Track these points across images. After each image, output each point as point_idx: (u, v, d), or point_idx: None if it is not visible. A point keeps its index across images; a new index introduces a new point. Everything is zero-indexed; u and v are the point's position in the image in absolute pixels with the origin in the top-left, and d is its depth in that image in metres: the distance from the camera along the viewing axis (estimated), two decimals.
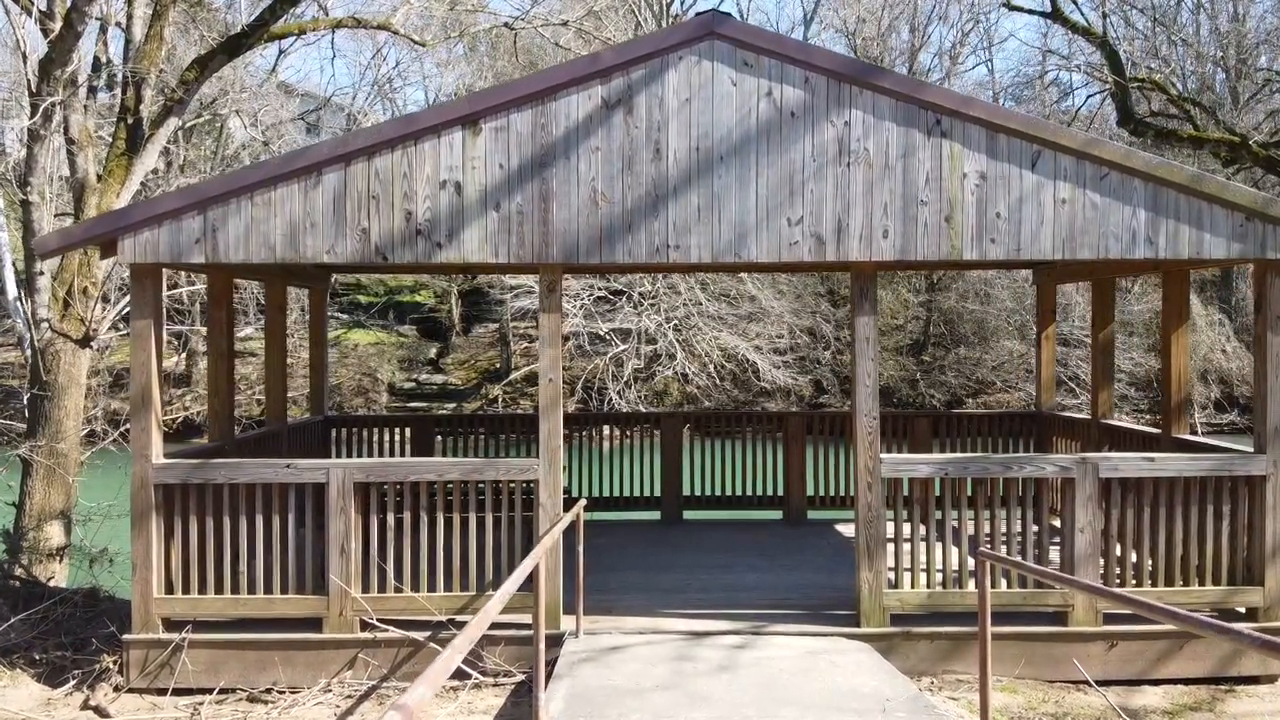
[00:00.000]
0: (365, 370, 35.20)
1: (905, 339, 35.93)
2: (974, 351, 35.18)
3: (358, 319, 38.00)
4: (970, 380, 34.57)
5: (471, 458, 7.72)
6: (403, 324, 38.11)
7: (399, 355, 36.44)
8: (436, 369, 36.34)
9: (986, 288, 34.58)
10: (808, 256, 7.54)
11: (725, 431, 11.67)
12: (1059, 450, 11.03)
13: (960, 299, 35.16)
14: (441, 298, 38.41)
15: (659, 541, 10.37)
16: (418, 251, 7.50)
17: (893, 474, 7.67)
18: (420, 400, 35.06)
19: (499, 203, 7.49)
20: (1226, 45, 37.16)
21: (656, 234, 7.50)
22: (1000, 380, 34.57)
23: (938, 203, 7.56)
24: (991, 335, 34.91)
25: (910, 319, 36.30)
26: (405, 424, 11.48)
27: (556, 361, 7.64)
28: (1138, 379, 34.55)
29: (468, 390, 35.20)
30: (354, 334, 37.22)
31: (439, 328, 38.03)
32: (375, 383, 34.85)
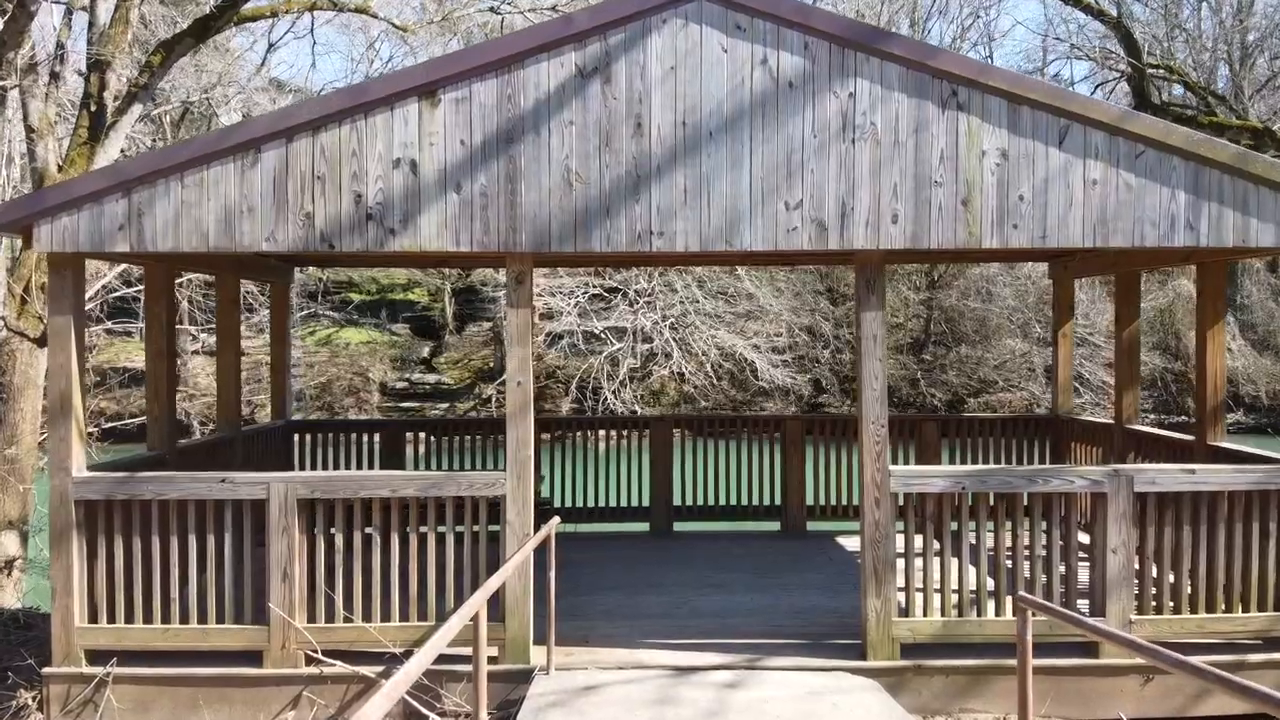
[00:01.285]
0: (357, 370, 34.31)
1: (906, 337, 35.02)
2: (975, 350, 34.28)
3: (350, 317, 37.10)
4: (972, 379, 33.66)
5: (431, 471, 6.81)
6: (395, 322, 37.21)
7: (391, 354, 35.54)
8: (429, 368, 35.44)
9: (988, 285, 33.67)
10: (808, 244, 6.63)
11: (719, 432, 10.75)
12: (1078, 457, 10.12)
13: (962, 296, 34.25)
14: (435, 296, 37.51)
15: (646, 557, 9.46)
16: (368, 238, 6.59)
17: (904, 488, 6.76)
18: (413, 400, 34.18)
19: (460, 184, 6.58)
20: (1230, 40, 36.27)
21: (638, 219, 6.59)
22: (1002, 379, 33.67)
23: (953, 184, 6.65)
24: (994, 334, 34.01)
25: (911, 317, 35.38)
26: (375, 429, 10.56)
27: (526, 363, 6.73)
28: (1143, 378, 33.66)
29: (461, 390, 34.31)
30: (346, 332, 36.33)
31: (432, 326, 37.13)
32: (367, 382, 33.95)
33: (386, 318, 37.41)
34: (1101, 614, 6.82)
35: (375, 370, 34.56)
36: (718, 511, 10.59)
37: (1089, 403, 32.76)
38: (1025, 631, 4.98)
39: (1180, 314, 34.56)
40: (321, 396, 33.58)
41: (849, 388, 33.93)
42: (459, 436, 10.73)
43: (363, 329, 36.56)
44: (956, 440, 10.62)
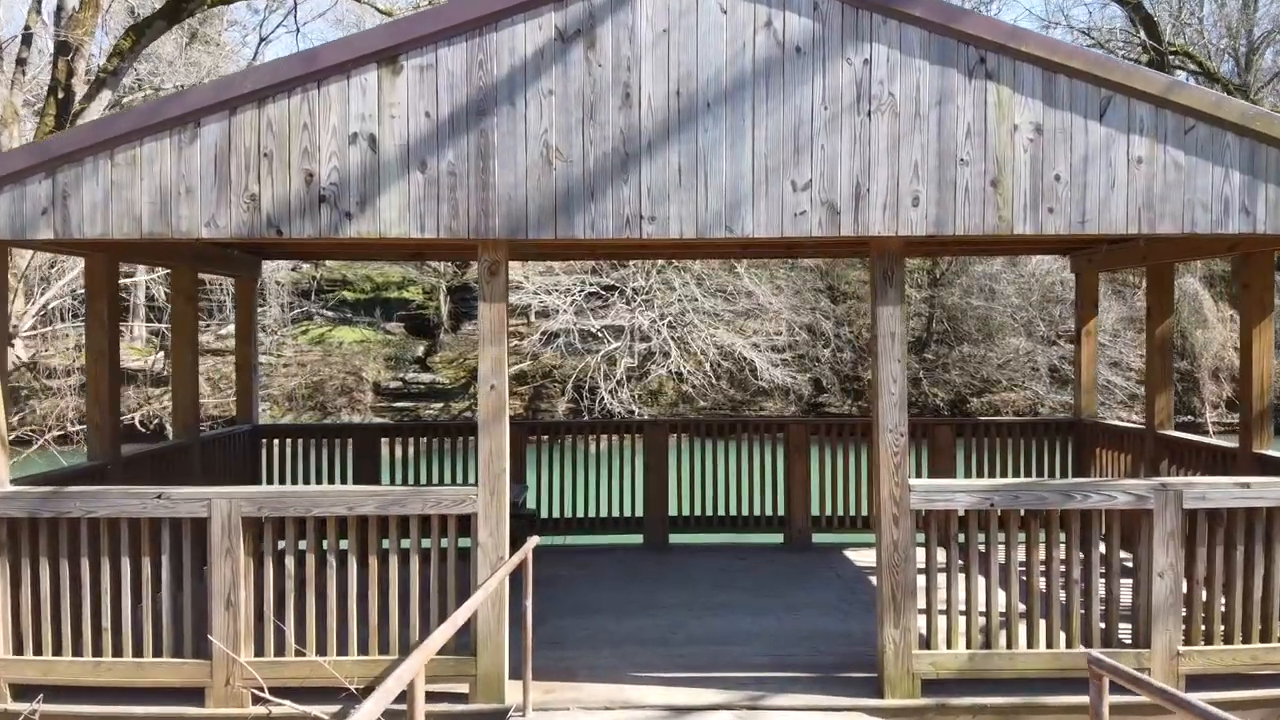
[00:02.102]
0: (350, 369, 33.49)
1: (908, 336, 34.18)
2: (978, 349, 33.46)
3: (344, 316, 36.30)
4: (975, 379, 32.86)
5: (396, 486, 6.02)
6: (390, 321, 36.41)
7: (385, 353, 34.73)
8: (424, 368, 34.63)
9: (991, 283, 32.86)
10: (818, 230, 5.83)
11: (719, 435, 9.92)
12: (1104, 465, 9.32)
13: (964, 294, 33.42)
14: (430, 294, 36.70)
15: (639, 573, 8.66)
16: (320, 223, 5.78)
17: (925, 505, 5.96)
18: (407, 400, 33.38)
19: (425, 162, 5.77)
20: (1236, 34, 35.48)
21: (627, 202, 5.79)
22: (1005, 379, 32.88)
23: (981, 162, 5.85)
24: (997, 332, 33.21)
25: (912, 315, 34.53)
26: (349, 434, 9.75)
27: (500, 363, 5.93)
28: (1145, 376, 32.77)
29: (456, 390, 33.50)
30: (339, 331, 35.53)
31: (427, 325, 36.32)
32: (360, 382, 33.15)
33: (381, 316, 36.63)
34: (1146, 644, 6.03)
35: (369, 370, 33.77)
36: (716, 523, 9.77)
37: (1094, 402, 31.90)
38: (1100, 705, 4.14)
39: (1185, 312, 33.74)
40: (314, 396, 32.78)
41: (850, 387, 33.15)
42: (440, 439, 9.92)
43: (356, 328, 35.78)
44: (972, 443, 9.80)
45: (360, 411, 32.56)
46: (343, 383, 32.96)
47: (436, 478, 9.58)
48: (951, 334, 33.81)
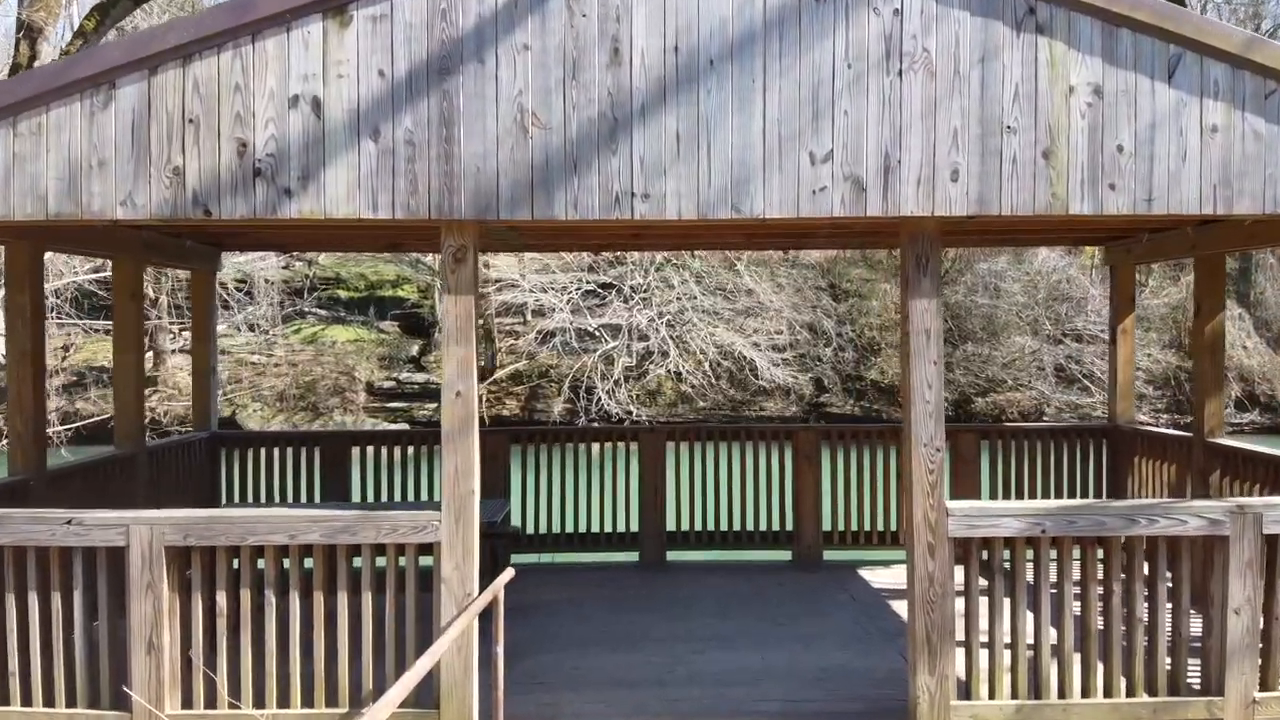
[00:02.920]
0: (343, 369, 32.57)
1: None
2: (982, 348, 32.57)
3: (337, 315, 35.39)
4: (979, 378, 31.96)
5: (344, 510, 5.10)
6: (384, 320, 35.49)
7: (379, 353, 33.81)
8: (418, 367, 33.71)
9: (997, 281, 31.96)
10: (840, 209, 4.92)
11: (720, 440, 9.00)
12: (1143, 475, 8.39)
13: (969, 292, 32.52)
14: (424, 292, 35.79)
15: (634, 597, 7.75)
16: (256, 201, 4.87)
17: (966, 532, 5.05)
18: (400, 400, 32.48)
19: (378, 129, 4.86)
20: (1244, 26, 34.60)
21: (616, 176, 4.88)
22: (1011, 379, 31.98)
23: (1031, 130, 4.94)
24: (1001, 331, 32.32)
25: None
26: (316, 442, 8.82)
27: (468, 366, 5.01)
28: (1155, 376, 32.00)
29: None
30: (332, 330, 34.61)
31: (421, 324, 35.39)
32: (353, 382, 32.23)
33: (374, 315, 35.73)
34: (1218, 691, 5.13)
35: (362, 369, 32.87)
36: (718, 539, 8.85)
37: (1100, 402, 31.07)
38: None
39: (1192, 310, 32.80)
40: (306, 397, 31.87)
41: (852, 387, 32.25)
42: (418, 447, 8.99)
43: (350, 327, 34.87)
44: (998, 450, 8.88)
45: (353, 412, 31.65)
46: (335, 383, 32.04)
47: (413, 491, 8.66)
48: (955, 333, 32.91)
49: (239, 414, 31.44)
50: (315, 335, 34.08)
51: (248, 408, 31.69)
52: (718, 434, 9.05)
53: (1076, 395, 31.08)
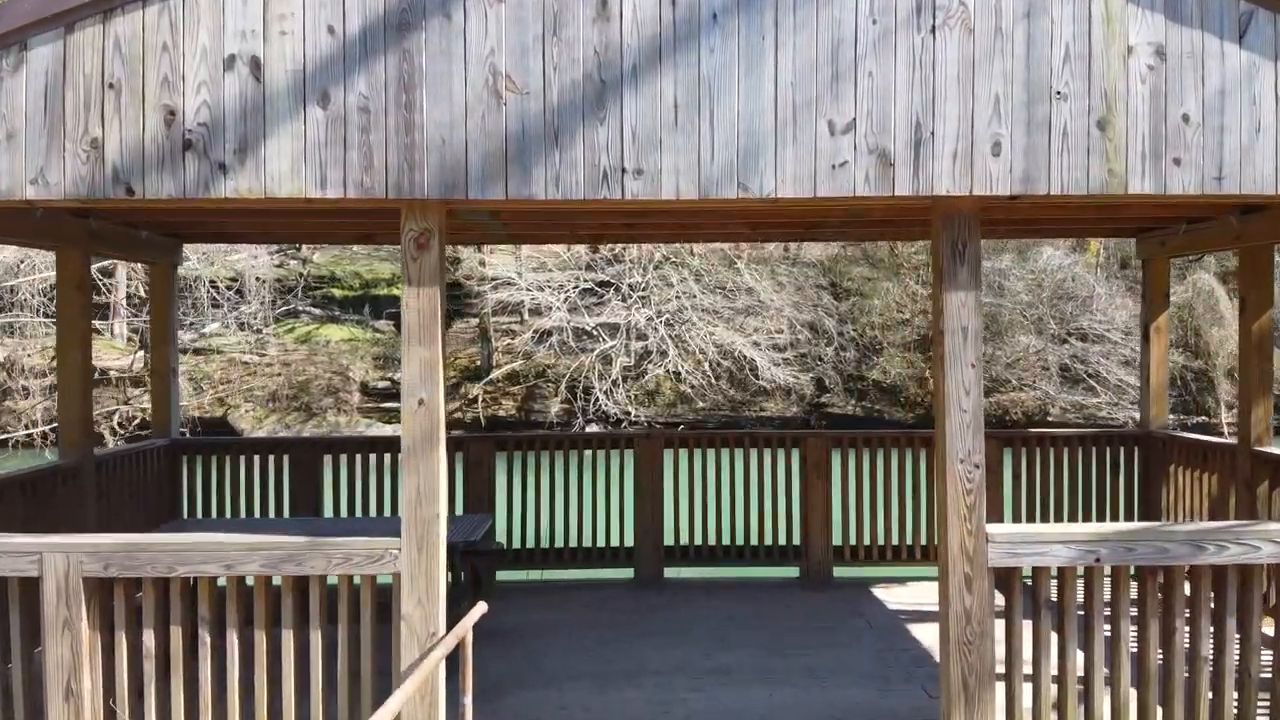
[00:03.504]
0: (336, 369, 31.87)
1: (913, 334, 32.57)
2: (986, 348, 31.87)
3: (332, 313, 34.70)
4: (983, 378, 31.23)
5: (289, 536, 4.38)
6: (379, 319, 34.79)
7: (374, 352, 33.12)
8: None
9: (1000, 279, 31.24)
10: (863, 187, 4.21)
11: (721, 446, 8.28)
12: (1181, 486, 7.68)
13: None
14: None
15: (628, 620, 7.04)
16: (186, 179, 4.17)
17: (1009, 561, 4.34)
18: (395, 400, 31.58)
19: (327, 94, 4.16)
20: None
21: (604, 150, 4.17)
22: (1015, 379, 31.29)
23: (1084, 96, 4.24)
24: (1005, 330, 31.60)
25: (916, 313, 32.97)
26: (285, 449, 8.11)
27: (433, 369, 4.31)
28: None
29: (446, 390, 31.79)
30: (326, 329, 33.92)
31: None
32: (347, 382, 31.53)
33: (370, 314, 35.04)
34: None
35: (356, 369, 32.18)
36: (720, 554, 8.13)
37: (1106, 403, 30.41)
38: None
39: (1201, 310, 32.16)
40: (299, 397, 31.18)
41: (853, 387, 31.55)
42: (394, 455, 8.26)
43: (344, 325, 34.17)
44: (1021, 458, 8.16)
45: (347, 412, 30.94)
46: (329, 383, 31.33)
47: (389, 504, 7.95)
48: None
49: (230, 414, 30.75)
50: (309, 334, 33.38)
51: (240, 408, 30.99)
52: (719, 440, 8.32)
53: (1082, 396, 30.38)
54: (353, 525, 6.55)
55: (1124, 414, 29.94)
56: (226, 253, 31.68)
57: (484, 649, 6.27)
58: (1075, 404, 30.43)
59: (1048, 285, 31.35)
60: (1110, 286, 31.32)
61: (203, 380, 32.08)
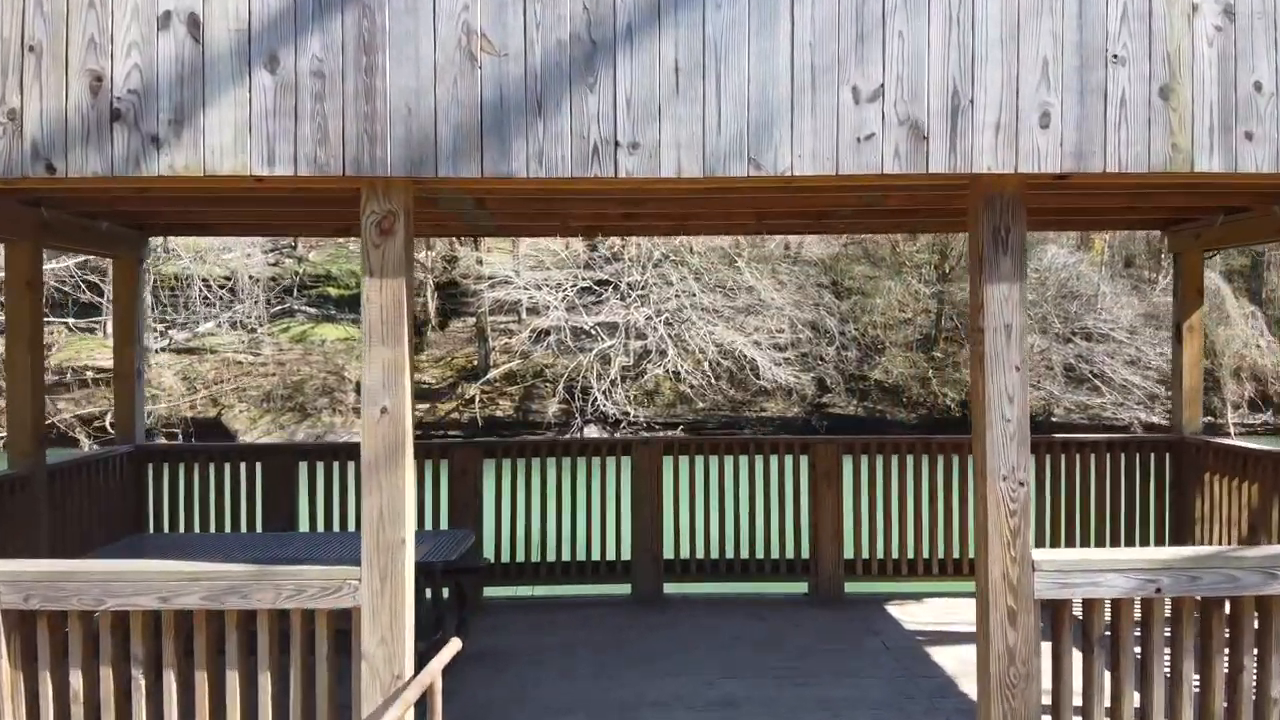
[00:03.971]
0: (332, 369, 31.34)
1: (915, 333, 32.06)
2: None
3: (328, 312, 34.17)
4: None
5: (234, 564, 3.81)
6: None
7: None
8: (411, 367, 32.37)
9: None
10: (893, 163, 3.65)
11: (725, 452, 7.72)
12: (1218, 497, 7.12)
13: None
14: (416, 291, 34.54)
15: (624, 642, 6.47)
16: (114, 154, 3.61)
17: (1058, 592, 3.78)
18: None
19: (275, 56, 3.60)
20: None
21: (594, 120, 3.61)
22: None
23: (1144, 60, 3.68)
24: None
25: (920, 312, 32.45)
26: (257, 456, 7.54)
27: (398, 372, 3.75)
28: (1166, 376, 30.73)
29: (443, 390, 31.35)
30: (322, 329, 33.38)
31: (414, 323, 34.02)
32: (342, 382, 30.98)
33: None
34: None
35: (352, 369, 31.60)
36: (723, 568, 7.55)
37: (1111, 403, 29.88)
38: None
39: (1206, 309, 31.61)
40: (294, 397, 30.63)
41: (855, 387, 31.01)
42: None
43: (340, 325, 33.62)
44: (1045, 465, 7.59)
45: (342, 413, 30.36)
46: (324, 382, 30.78)
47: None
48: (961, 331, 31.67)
49: (225, 415, 30.20)
50: (304, 334, 32.83)
51: (234, 408, 30.43)
52: (722, 446, 7.73)
53: (1086, 396, 29.85)
54: (326, 543, 5.98)
55: (1129, 414, 29.40)
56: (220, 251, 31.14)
57: (468, 674, 5.72)
58: (1080, 404, 29.88)
59: (1052, 284, 30.78)
60: (1115, 285, 30.75)
61: (196, 380, 31.53)
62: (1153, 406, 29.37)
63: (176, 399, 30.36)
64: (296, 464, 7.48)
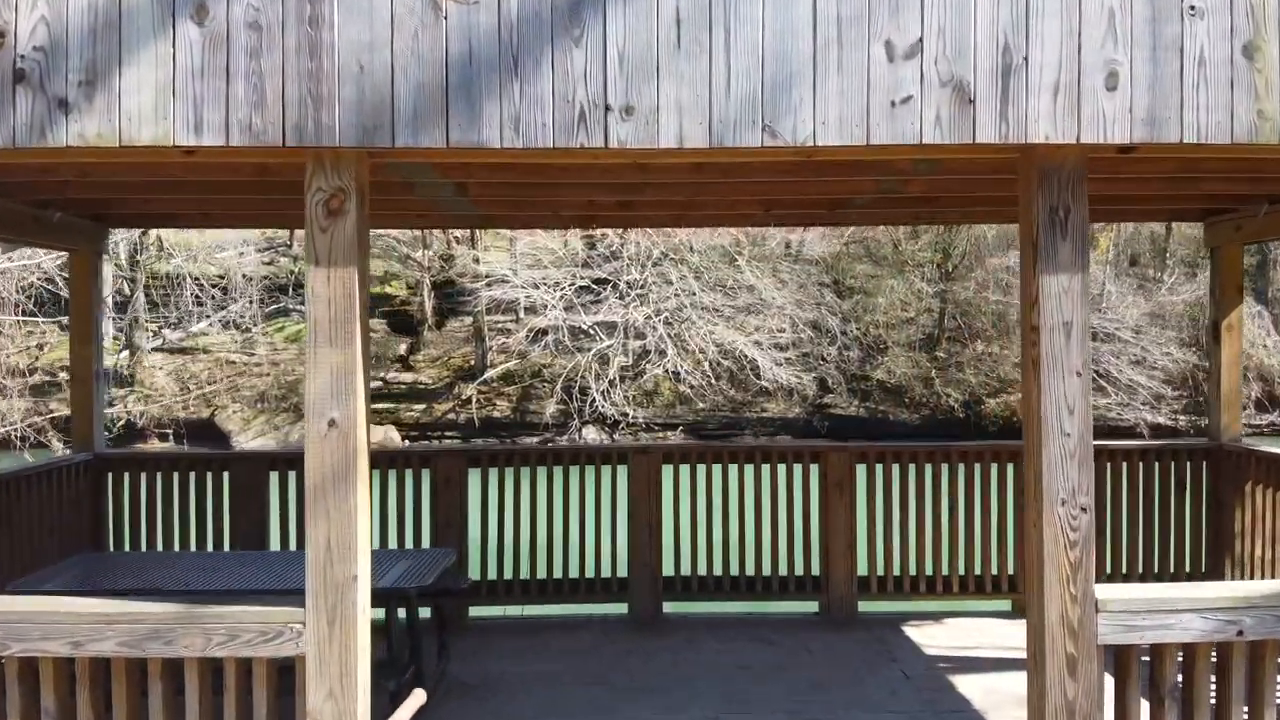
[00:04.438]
0: None
1: (918, 333, 31.49)
2: (992, 347, 30.80)
3: None
4: (990, 378, 30.17)
5: (154, 604, 3.23)
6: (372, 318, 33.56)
7: None
8: (406, 367, 31.94)
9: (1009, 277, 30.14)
10: (933, 131, 3.08)
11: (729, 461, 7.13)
12: (1260, 509, 6.56)
13: (979, 289, 30.73)
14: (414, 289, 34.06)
15: (620, 670, 5.90)
16: (16, 122, 3.03)
17: (1125, 637, 3.21)
18: (387, 401, 30.71)
19: (204, 5, 3.03)
20: None
21: (580, 80, 3.04)
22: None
23: (1224, 12, 3.12)
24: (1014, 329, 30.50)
25: (923, 310, 31.89)
26: (224, 465, 6.96)
27: (349, 377, 3.18)
28: (1174, 376, 30.22)
29: (439, 390, 30.80)
30: None
31: (410, 322, 33.61)
32: None
33: None
34: None
35: None
36: (727, 587, 6.97)
37: (1117, 404, 29.34)
38: None
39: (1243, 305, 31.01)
40: (288, 398, 30.09)
41: (857, 387, 30.49)
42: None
43: None
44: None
45: None
46: None
47: None
48: (965, 331, 31.12)
49: (218, 415, 29.64)
50: (299, 333, 32.24)
51: (227, 409, 29.87)
52: (726, 455, 7.13)
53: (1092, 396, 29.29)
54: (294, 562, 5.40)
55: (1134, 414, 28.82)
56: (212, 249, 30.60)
57: (447, 705, 5.15)
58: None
59: None
60: (1121, 284, 30.16)
61: (189, 380, 30.97)
62: (1158, 407, 28.81)
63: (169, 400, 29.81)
64: (267, 473, 6.90)
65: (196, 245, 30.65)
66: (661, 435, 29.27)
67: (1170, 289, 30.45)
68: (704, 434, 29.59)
